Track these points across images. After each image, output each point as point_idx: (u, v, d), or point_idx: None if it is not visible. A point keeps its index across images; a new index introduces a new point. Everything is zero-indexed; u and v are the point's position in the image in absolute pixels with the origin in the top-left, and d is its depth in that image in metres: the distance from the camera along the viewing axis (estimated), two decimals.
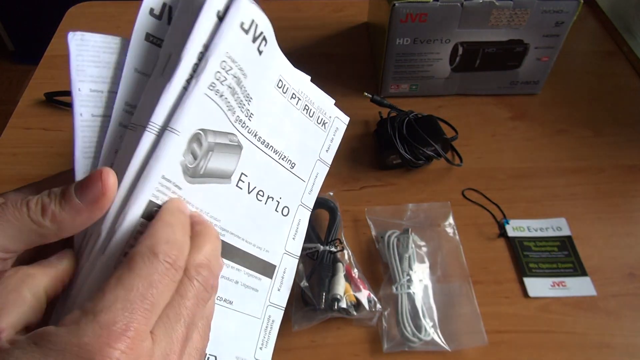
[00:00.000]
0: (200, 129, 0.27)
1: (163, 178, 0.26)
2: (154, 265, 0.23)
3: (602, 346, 0.50)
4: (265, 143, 0.32)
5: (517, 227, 0.59)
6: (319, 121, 0.36)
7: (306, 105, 0.35)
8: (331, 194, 0.59)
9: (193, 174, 0.27)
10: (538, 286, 0.54)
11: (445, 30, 0.64)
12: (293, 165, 0.35)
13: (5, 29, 1.95)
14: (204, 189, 0.28)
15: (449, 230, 0.58)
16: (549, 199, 0.62)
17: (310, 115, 0.35)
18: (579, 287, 0.54)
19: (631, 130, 0.70)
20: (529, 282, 0.54)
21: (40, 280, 0.24)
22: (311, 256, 0.52)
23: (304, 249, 0.53)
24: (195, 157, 0.27)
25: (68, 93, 0.71)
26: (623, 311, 0.52)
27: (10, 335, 0.22)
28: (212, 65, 0.26)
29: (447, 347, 0.48)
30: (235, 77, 0.28)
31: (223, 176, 0.29)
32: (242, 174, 0.30)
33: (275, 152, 0.33)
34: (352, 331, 0.50)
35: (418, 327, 0.48)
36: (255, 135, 0.31)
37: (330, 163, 0.38)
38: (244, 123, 0.30)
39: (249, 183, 0.31)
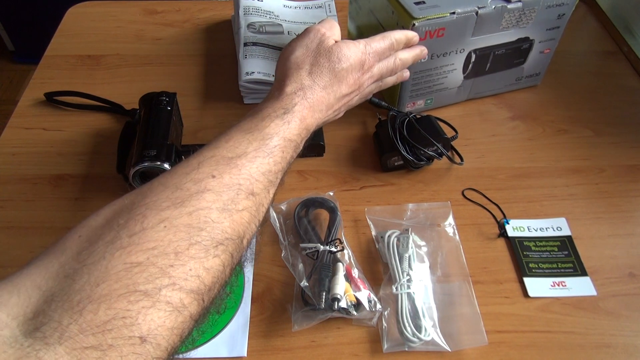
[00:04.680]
0: None
1: None
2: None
3: (602, 346, 0.50)
4: None
5: (517, 227, 0.59)
6: None
7: None
8: (331, 193, 0.59)
9: None
10: (538, 286, 0.54)
11: (460, 40, 0.63)
12: None
13: (5, 29, 1.95)
14: None
15: (449, 230, 0.58)
16: (548, 198, 0.62)
17: None
18: (579, 287, 0.54)
19: (631, 130, 0.70)
20: (529, 282, 0.54)
21: None
22: (311, 256, 0.52)
23: (303, 249, 0.53)
24: None
25: (68, 93, 0.71)
26: (623, 311, 0.52)
27: None
28: None
29: (447, 347, 0.48)
30: None
31: None
32: None
33: None
34: (352, 331, 0.50)
35: (418, 327, 0.48)
36: None
37: None
38: None
39: None
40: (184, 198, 0.34)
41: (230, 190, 0.36)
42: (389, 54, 0.55)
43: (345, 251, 0.54)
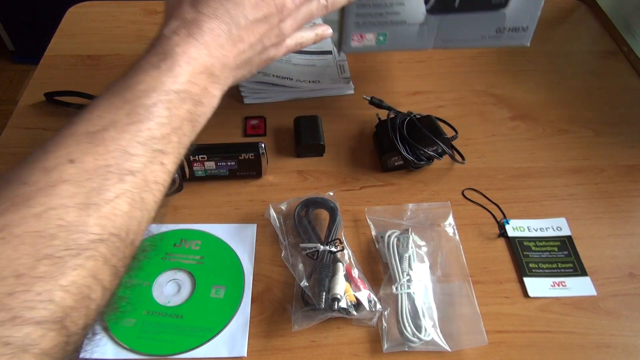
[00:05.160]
0: None
1: None
2: None
3: (602, 346, 0.50)
4: None
5: (517, 227, 0.59)
6: None
7: None
8: (331, 193, 0.59)
9: None
10: (538, 286, 0.54)
11: None
12: None
13: (5, 29, 1.95)
14: None
15: (449, 230, 0.58)
16: (549, 199, 0.62)
17: None
18: (579, 287, 0.54)
19: (631, 130, 0.70)
20: (529, 282, 0.54)
21: None
22: (311, 256, 0.53)
23: (303, 248, 0.53)
24: None
25: (68, 93, 0.71)
26: (623, 311, 0.52)
27: None
28: None
29: (447, 347, 0.48)
30: None
31: None
32: None
33: None
34: (352, 331, 0.50)
35: (418, 327, 0.48)
36: None
37: None
38: None
39: None
40: (29, 195, 0.27)
41: (96, 176, 0.29)
42: None
43: (345, 251, 0.54)
